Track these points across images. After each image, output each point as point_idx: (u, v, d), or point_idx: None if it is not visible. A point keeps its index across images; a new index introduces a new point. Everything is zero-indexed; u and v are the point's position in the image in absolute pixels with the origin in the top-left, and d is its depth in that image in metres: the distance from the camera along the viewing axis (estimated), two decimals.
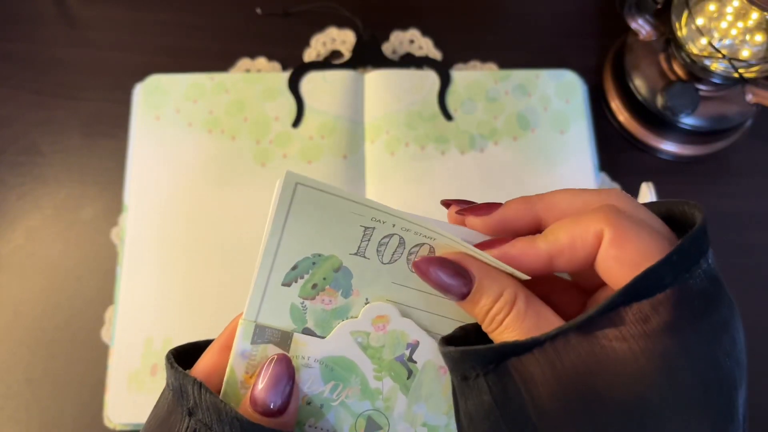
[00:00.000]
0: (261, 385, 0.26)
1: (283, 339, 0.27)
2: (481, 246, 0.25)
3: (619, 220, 0.23)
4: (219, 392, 0.28)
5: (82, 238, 0.52)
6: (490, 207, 0.26)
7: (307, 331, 0.27)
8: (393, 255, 0.26)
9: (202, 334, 0.48)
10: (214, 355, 0.28)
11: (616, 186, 0.55)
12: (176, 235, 0.50)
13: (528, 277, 0.25)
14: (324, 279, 0.27)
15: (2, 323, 0.50)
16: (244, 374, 0.27)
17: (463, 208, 0.27)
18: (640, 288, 0.22)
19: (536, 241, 0.24)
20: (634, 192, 0.51)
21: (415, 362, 0.28)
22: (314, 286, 0.27)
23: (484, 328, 0.25)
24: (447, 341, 0.26)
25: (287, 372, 0.27)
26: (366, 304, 0.27)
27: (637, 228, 0.23)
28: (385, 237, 0.26)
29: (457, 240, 0.25)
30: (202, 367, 0.28)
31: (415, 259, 0.26)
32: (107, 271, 0.51)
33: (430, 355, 0.28)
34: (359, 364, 0.28)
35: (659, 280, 0.22)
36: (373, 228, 0.26)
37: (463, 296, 0.25)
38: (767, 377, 0.50)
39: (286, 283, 0.26)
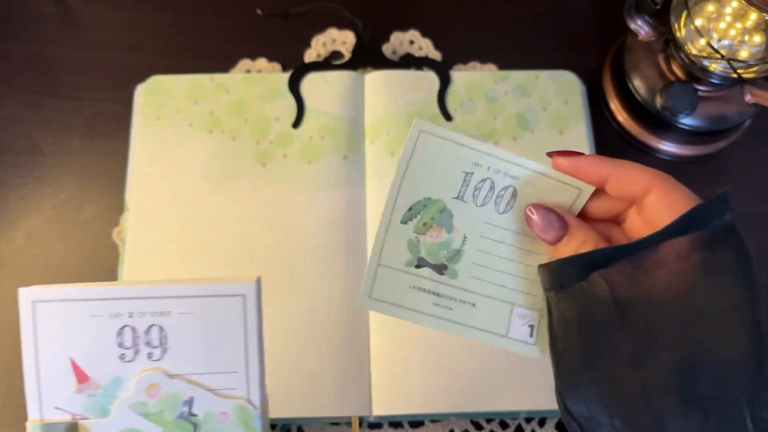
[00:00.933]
0: None
1: (71, 429, 0.30)
2: (559, 153, 0.33)
3: (667, 183, 0.31)
4: None
5: (83, 238, 0.53)
6: (573, 154, 0.33)
7: (422, 261, 0.33)
8: (485, 198, 0.32)
9: None
10: None
11: None
12: (177, 235, 0.51)
13: (593, 187, 0.32)
14: (432, 218, 0.33)
15: (4, 323, 0.50)
16: None
17: (554, 151, 0.34)
18: (685, 224, 0.29)
19: (603, 161, 0.32)
20: None
21: (196, 414, 0.30)
22: (425, 224, 0.33)
23: None
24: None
25: None
26: (464, 240, 0.33)
27: (683, 195, 0.30)
28: (480, 182, 0.32)
29: (537, 171, 0.32)
30: None
31: (529, 205, 0.33)
32: (108, 271, 0.51)
33: (207, 406, 0.30)
34: (147, 431, 0.30)
35: (702, 218, 0.29)
36: (472, 173, 0.32)
37: (558, 239, 0.32)
38: None
39: (404, 221, 0.32)
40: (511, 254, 0.33)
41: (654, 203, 0.30)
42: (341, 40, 0.59)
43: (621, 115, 0.57)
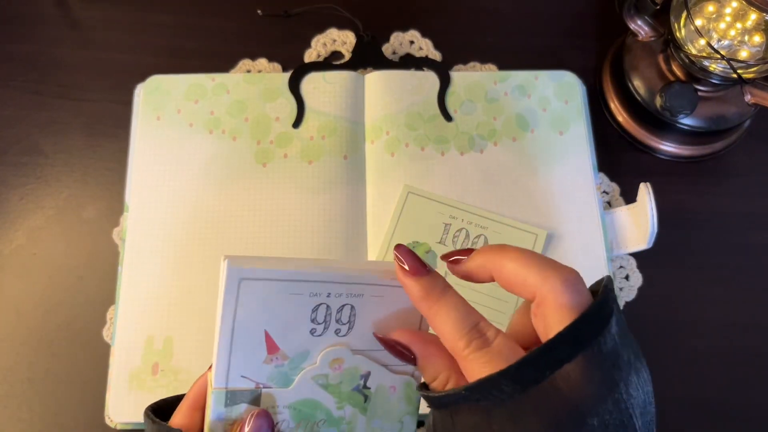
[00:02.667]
0: None
1: (253, 397, 0.31)
2: (446, 256, 0.30)
3: (551, 290, 0.25)
4: None
5: (83, 238, 0.53)
6: (457, 261, 0.30)
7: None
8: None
9: (202, 334, 0.48)
10: (183, 417, 0.32)
11: (614, 186, 0.55)
12: (177, 235, 0.51)
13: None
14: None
15: (4, 323, 0.50)
16: None
17: (444, 255, 0.31)
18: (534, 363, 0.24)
19: (486, 258, 0.28)
20: (633, 192, 0.51)
21: (369, 388, 0.32)
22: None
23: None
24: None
25: (267, 423, 0.30)
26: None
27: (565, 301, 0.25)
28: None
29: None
30: (176, 421, 0.31)
31: (377, 335, 0.30)
32: (108, 270, 0.51)
33: (380, 380, 0.32)
34: (322, 401, 0.32)
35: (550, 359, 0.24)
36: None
37: (415, 364, 0.30)
38: (767, 376, 0.51)
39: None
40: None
41: (543, 319, 0.25)
42: (341, 40, 0.59)
43: (621, 115, 0.57)
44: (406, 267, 0.28)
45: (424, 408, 0.31)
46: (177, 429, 0.30)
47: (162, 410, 0.33)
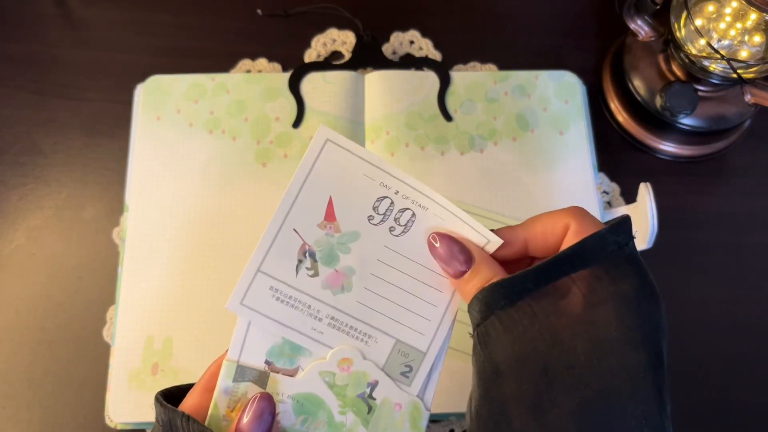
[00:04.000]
0: (246, 418, 0.30)
1: (261, 378, 0.31)
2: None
3: (582, 216, 0.30)
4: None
5: (83, 238, 0.53)
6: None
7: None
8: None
9: (202, 334, 0.48)
10: (197, 396, 0.32)
11: (614, 186, 0.55)
12: (177, 235, 0.51)
13: (501, 241, 0.31)
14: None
15: (4, 323, 0.50)
16: (226, 409, 0.31)
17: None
18: (582, 251, 0.29)
19: (516, 229, 0.31)
20: (633, 192, 0.51)
21: (375, 399, 0.32)
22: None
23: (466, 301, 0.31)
24: None
25: (269, 407, 0.31)
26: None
27: (595, 222, 0.30)
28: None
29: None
30: (188, 405, 0.32)
31: (433, 232, 0.31)
32: (108, 270, 0.51)
33: (387, 393, 0.32)
34: (326, 400, 0.31)
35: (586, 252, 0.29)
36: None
37: (461, 273, 0.30)
38: (767, 376, 0.51)
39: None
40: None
41: (572, 237, 0.29)
42: (341, 40, 0.59)
43: (621, 115, 0.57)
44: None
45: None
46: (181, 411, 0.30)
47: (174, 396, 0.33)
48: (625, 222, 0.30)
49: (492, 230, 0.31)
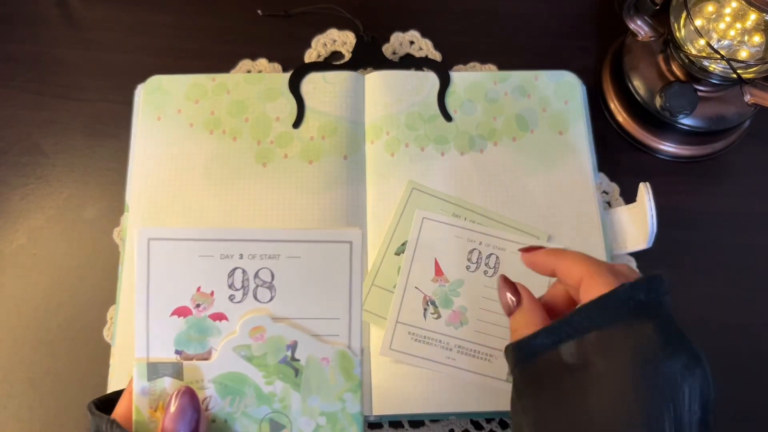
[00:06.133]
0: (168, 418, 0.29)
1: (176, 370, 0.30)
2: (523, 249, 0.36)
3: (595, 274, 0.32)
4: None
5: (84, 238, 0.53)
6: (532, 249, 0.36)
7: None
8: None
9: None
10: (126, 401, 0.31)
11: (614, 186, 0.55)
12: None
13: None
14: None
15: (5, 323, 0.50)
16: (149, 410, 0.30)
17: (522, 247, 0.37)
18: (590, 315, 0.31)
19: (550, 254, 0.35)
20: (633, 192, 0.52)
21: (298, 360, 0.31)
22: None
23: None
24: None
25: (191, 402, 0.29)
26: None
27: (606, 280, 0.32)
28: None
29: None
30: (119, 411, 0.31)
31: (501, 274, 0.36)
32: (109, 270, 0.51)
33: (310, 350, 0.31)
34: (249, 375, 0.30)
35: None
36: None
37: (511, 312, 0.34)
38: (767, 376, 0.51)
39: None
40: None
41: (583, 294, 0.32)
42: (341, 40, 0.59)
43: (621, 116, 0.57)
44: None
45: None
46: (107, 417, 0.30)
47: (111, 403, 0.33)
48: (634, 286, 0.32)
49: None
